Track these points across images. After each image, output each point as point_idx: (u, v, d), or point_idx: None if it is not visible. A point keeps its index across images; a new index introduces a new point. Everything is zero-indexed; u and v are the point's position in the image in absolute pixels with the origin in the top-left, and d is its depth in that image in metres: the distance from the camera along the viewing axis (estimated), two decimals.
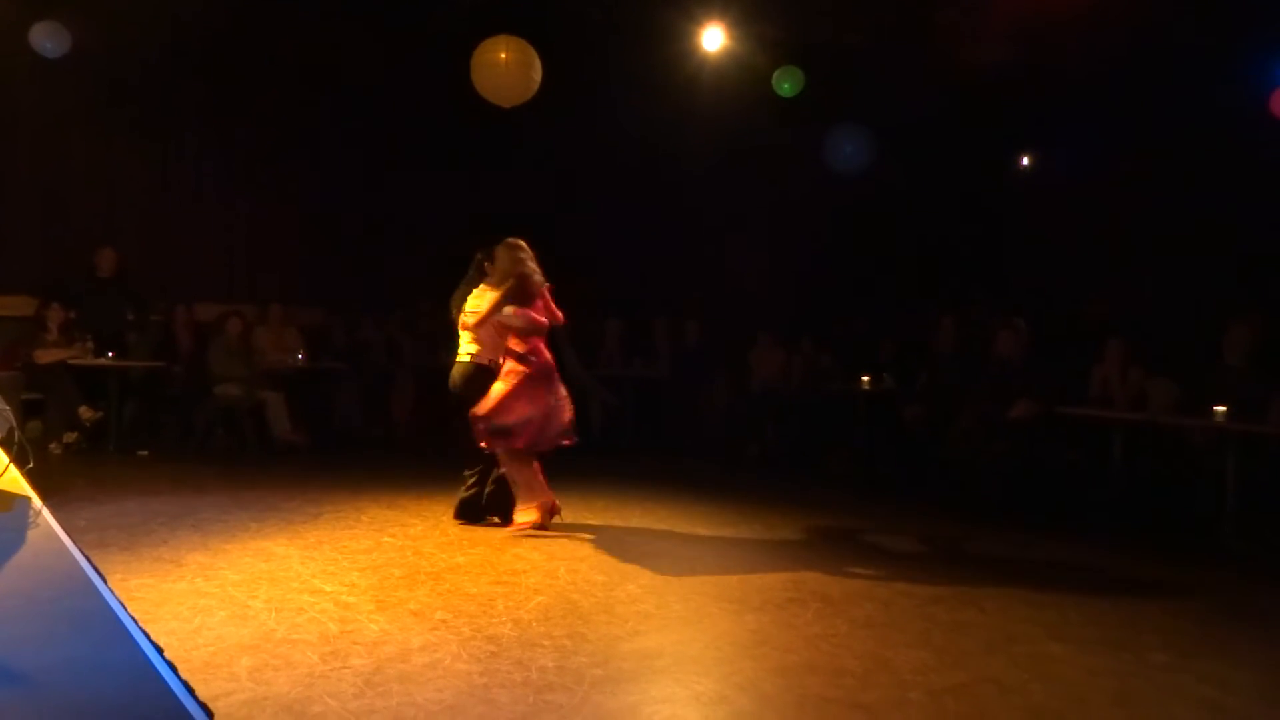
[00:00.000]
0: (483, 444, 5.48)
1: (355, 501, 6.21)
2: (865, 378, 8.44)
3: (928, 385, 8.29)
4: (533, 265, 5.55)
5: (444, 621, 3.93)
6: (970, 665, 3.68)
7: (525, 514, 5.51)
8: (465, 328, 5.71)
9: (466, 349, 5.72)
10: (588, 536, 5.55)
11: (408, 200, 10.41)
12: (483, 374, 5.60)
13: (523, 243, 5.60)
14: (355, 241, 10.33)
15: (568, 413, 5.53)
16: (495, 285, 5.57)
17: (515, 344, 5.49)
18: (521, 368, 5.44)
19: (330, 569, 4.64)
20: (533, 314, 5.51)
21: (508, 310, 5.47)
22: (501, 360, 5.56)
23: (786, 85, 8.49)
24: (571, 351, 9.90)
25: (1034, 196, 9.27)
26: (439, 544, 5.25)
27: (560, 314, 5.64)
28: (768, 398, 9.42)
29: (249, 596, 4.14)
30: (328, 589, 4.31)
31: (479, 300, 5.64)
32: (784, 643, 3.85)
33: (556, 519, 5.63)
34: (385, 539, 5.30)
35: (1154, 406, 6.88)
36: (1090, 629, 4.19)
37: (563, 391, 5.57)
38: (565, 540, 5.41)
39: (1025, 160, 9.39)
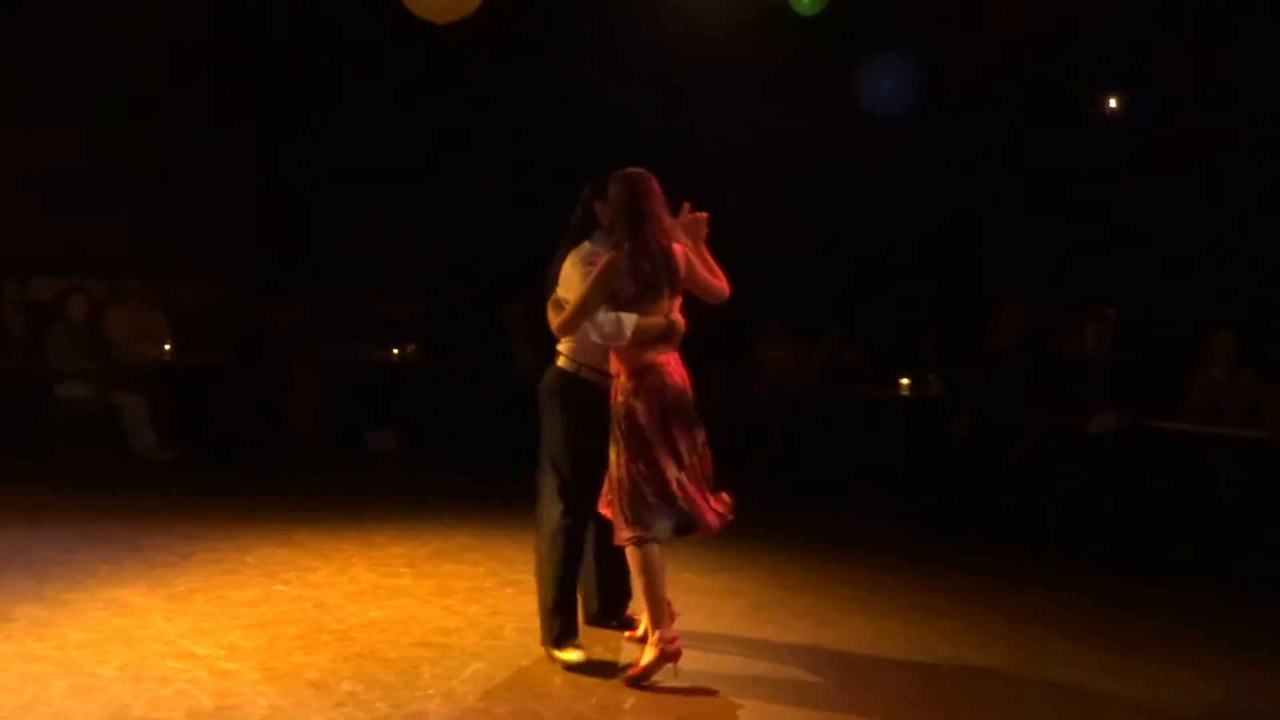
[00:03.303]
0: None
1: (238, 538, 6.15)
2: (904, 380, 8.48)
3: (983, 390, 8.33)
4: (664, 220, 4.37)
5: (353, 694, 3.90)
6: None
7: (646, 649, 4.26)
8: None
9: (564, 345, 4.57)
10: None
11: (331, 147, 10.34)
12: (574, 387, 4.49)
13: (650, 177, 4.41)
14: (249, 199, 10.23)
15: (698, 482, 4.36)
16: (606, 244, 4.39)
17: (616, 360, 4.36)
18: (621, 399, 4.30)
19: (204, 626, 4.58)
20: (652, 318, 4.27)
21: (600, 317, 4.22)
22: (614, 373, 4.38)
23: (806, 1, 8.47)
24: (525, 343, 9.96)
25: (1116, 151, 9.32)
26: (347, 594, 5.21)
27: (719, 281, 4.56)
28: (779, 401, 9.45)
29: (97, 662, 4.08)
30: (201, 652, 4.26)
31: (574, 274, 4.42)
32: None
33: (669, 668, 4.19)
34: (277, 587, 5.25)
35: (1272, 418, 6.94)
36: (1186, 710, 4.21)
37: (698, 438, 4.41)
38: (512, 590, 5.37)
39: (1112, 103, 9.42)
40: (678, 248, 4.39)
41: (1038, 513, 7.55)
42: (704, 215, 4.57)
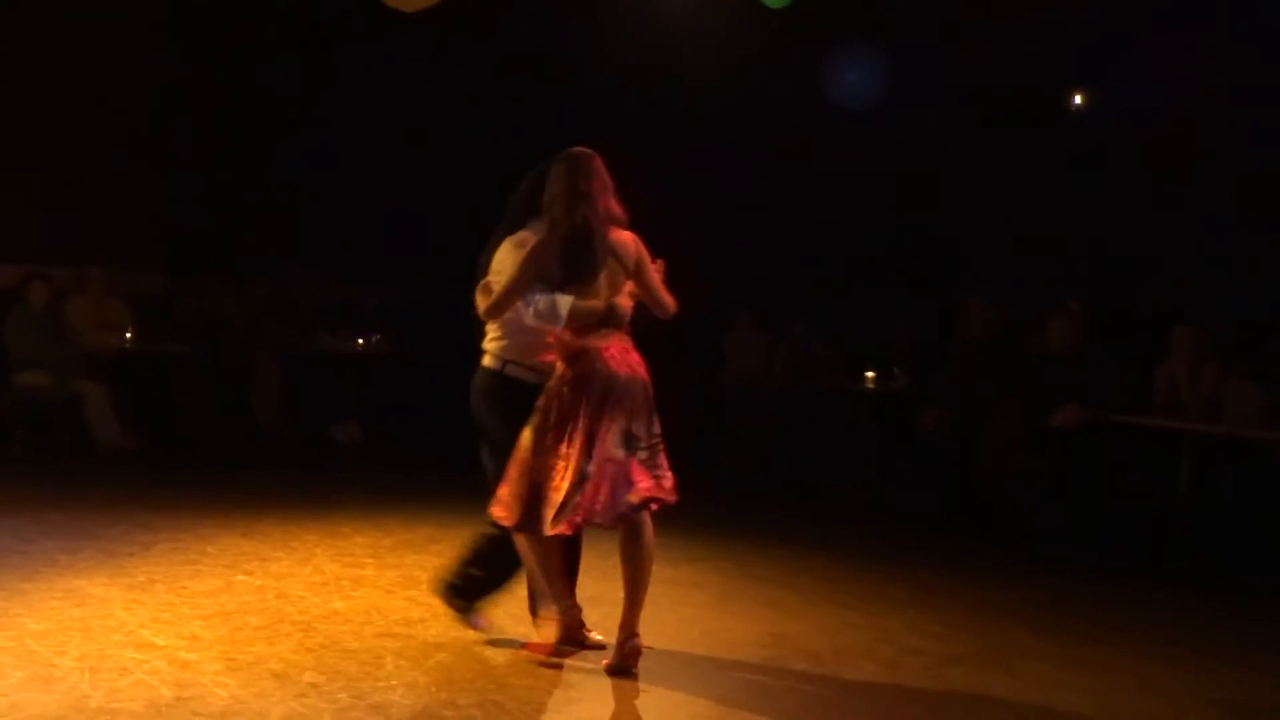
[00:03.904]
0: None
1: (200, 528, 6.12)
2: (870, 373, 8.52)
3: (950, 384, 8.39)
4: (607, 202, 4.29)
5: (314, 686, 3.89)
6: None
7: (543, 626, 4.43)
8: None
9: (489, 343, 4.50)
10: None
11: (285, 127, 10.28)
12: (505, 388, 4.40)
13: (594, 157, 4.33)
14: (207, 183, 10.17)
15: (606, 485, 4.11)
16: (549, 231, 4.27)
17: (555, 349, 4.28)
18: (553, 385, 4.24)
19: (165, 616, 4.57)
20: (589, 301, 4.15)
21: (535, 298, 4.14)
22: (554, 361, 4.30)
23: None
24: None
25: (1088, 144, 9.40)
26: (310, 584, 5.20)
27: (670, 298, 4.39)
28: (745, 395, 9.47)
29: (55, 652, 4.06)
30: (160, 643, 4.24)
31: (508, 260, 4.32)
32: (759, 714, 3.88)
33: (569, 646, 4.33)
34: (239, 578, 5.24)
35: (1233, 415, 7.02)
36: (1149, 703, 4.28)
37: (642, 427, 4.23)
38: None
39: (1078, 99, 9.51)
40: (628, 235, 4.32)
41: (1003, 507, 7.61)
42: (660, 263, 4.44)
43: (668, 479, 4.25)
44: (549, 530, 4.11)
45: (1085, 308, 7.96)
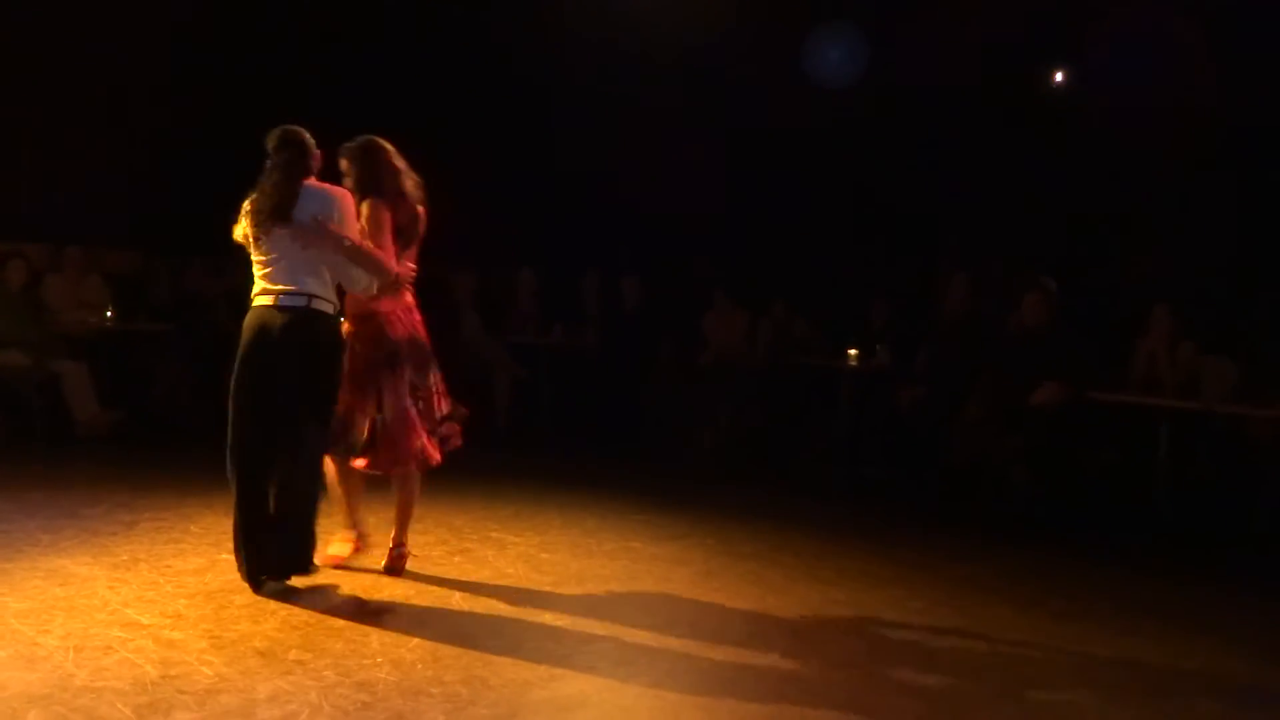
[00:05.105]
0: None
1: (182, 507, 6.13)
2: (851, 351, 8.55)
3: (931, 361, 8.43)
4: (412, 178, 5.03)
5: (300, 663, 3.90)
6: (976, 718, 3.78)
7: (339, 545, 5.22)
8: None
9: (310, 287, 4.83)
10: (490, 554, 5.55)
11: (264, 107, 10.17)
12: (340, 331, 4.93)
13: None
14: (185, 159, 10.09)
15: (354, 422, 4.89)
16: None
17: (350, 304, 4.95)
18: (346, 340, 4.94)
19: (149, 595, 4.57)
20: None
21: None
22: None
23: None
24: (474, 316, 9.94)
25: (1067, 122, 9.42)
26: None
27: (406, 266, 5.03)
28: (726, 374, 9.49)
29: (39, 631, 4.06)
30: (145, 621, 4.25)
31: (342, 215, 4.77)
32: (743, 688, 3.91)
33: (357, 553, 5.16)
34: (223, 556, 5.20)
35: (1209, 391, 7.08)
36: (1125, 675, 4.33)
37: (429, 380, 5.01)
38: (461, 558, 5.41)
39: (1059, 76, 9.53)
40: (419, 210, 5.01)
41: (982, 484, 7.67)
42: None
43: (446, 429, 5.05)
44: (355, 462, 4.94)
45: (1061, 284, 7.99)
